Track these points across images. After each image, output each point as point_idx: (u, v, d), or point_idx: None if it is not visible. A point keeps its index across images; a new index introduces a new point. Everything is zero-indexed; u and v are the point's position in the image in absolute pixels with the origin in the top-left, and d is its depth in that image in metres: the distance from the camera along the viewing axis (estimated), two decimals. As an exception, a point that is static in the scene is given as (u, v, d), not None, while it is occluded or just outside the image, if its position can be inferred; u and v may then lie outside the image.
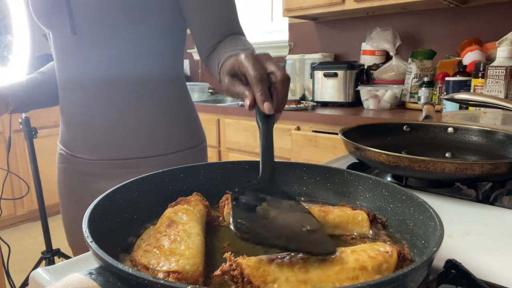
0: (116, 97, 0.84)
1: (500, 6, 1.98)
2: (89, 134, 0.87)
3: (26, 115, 1.77)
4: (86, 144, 0.88)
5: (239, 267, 0.35)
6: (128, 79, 0.84)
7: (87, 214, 0.41)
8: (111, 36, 0.80)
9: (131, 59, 0.83)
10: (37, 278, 0.46)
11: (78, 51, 0.82)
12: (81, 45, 0.82)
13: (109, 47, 0.81)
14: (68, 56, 0.85)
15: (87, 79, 0.84)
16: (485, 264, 0.48)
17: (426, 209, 0.46)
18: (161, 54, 0.86)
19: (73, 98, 0.87)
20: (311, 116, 1.99)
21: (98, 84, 0.84)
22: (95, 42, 0.81)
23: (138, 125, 0.87)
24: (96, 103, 0.85)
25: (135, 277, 0.31)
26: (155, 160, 0.89)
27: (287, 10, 2.36)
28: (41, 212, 1.85)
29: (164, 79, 0.88)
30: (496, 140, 0.86)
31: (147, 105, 0.87)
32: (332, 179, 0.60)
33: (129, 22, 0.79)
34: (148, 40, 0.83)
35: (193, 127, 0.97)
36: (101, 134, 0.86)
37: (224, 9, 0.84)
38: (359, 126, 0.93)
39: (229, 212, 0.51)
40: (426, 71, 2.04)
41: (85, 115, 0.87)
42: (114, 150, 0.87)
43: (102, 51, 0.81)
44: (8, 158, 1.89)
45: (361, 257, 0.38)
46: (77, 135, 0.89)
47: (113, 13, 0.77)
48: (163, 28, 0.84)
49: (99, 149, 0.88)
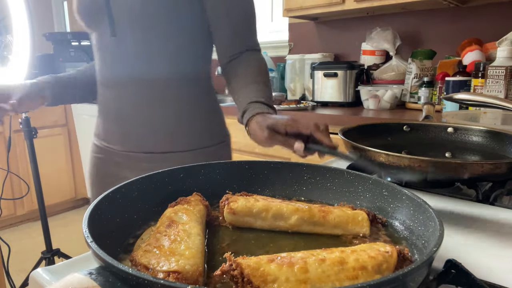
0: (145, 94, 0.92)
1: (500, 6, 1.97)
2: (120, 127, 0.96)
3: (26, 115, 1.77)
4: (118, 136, 0.97)
5: (239, 267, 0.35)
6: (158, 78, 0.91)
7: (87, 214, 0.41)
8: (144, 39, 0.89)
9: (161, 60, 0.91)
10: (37, 278, 0.46)
11: (115, 51, 0.91)
12: (118, 46, 0.90)
13: (142, 48, 0.90)
14: (106, 55, 0.93)
15: (121, 77, 0.92)
16: (485, 264, 0.48)
17: (426, 209, 0.46)
18: (188, 56, 0.93)
19: (108, 94, 0.96)
20: (311, 116, 1.99)
21: (130, 82, 0.92)
22: (130, 43, 0.89)
23: (164, 121, 0.94)
24: (127, 99, 0.93)
25: (135, 277, 0.31)
26: (179, 155, 0.95)
27: (287, 10, 2.36)
28: (41, 212, 1.85)
29: (191, 78, 0.95)
30: (496, 140, 0.86)
31: (174, 103, 0.94)
32: (332, 179, 0.60)
33: (160, 27, 0.88)
34: (176, 44, 0.91)
35: (217, 125, 1.03)
36: (132, 128, 0.94)
37: (245, 21, 0.93)
38: (359, 126, 0.93)
39: (229, 212, 0.52)
40: (426, 71, 2.04)
41: (118, 110, 0.95)
42: (143, 143, 0.95)
43: (135, 52, 0.90)
44: (8, 158, 1.89)
45: (361, 257, 0.38)
46: (111, 127, 0.98)
47: (147, 20, 0.87)
48: (191, 32, 0.92)
49: (129, 141, 0.95)
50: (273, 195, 0.61)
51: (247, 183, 0.62)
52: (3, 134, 2.92)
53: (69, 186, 3.37)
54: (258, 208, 0.51)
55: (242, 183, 0.62)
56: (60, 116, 3.26)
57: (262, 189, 0.62)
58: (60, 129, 3.27)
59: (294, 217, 0.50)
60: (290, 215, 0.51)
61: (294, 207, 0.51)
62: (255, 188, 0.62)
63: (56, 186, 3.25)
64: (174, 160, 0.93)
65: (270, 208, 0.51)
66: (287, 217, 0.51)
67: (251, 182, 0.62)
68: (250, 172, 0.63)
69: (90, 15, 0.91)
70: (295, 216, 0.50)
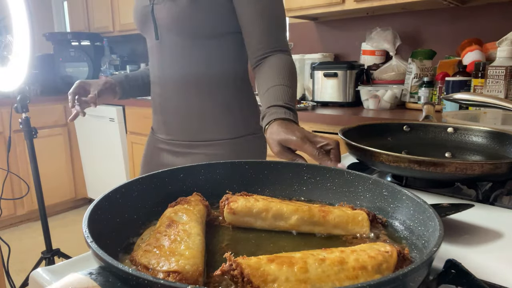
0: (184, 91, 1.05)
1: (500, 6, 1.97)
2: (165, 119, 1.11)
3: (26, 115, 1.77)
4: (163, 126, 1.12)
5: (239, 267, 0.35)
6: (195, 77, 1.03)
7: (87, 214, 0.41)
8: (183, 42, 1.01)
9: (198, 61, 1.02)
10: (37, 278, 0.46)
11: (159, 53, 1.05)
12: (162, 49, 1.04)
13: (182, 51, 1.02)
14: (154, 57, 1.08)
15: (164, 76, 1.06)
16: (485, 264, 0.48)
17: (426, 209, 0.45)
18: (222, 57, 1.03)
19: (155, 90, 1.11)
20: (311, 116, 1.99)
21: (172, 81, 1.05)
22: (171, 46, 1.03)
23: (200, 114, 1.06)
24: (169, 95, 1.07)
25: (135, 277, 0.31)
26: (214, 144, 1.08)
27: (287, 10, 2.36)
28: (41, 212, 1.85)
29: (225, 76, 1.05)
30: (496, 140, 0.86)
31: (209, 98, 1.05)
32: (332, 179, 0.60)
33: (196, 32, 0.99)
34: (211, 46, 1.01)
35: (249, 118, 1.12)
36: (173, 120, 1.09)
37: (273, 23, 0.98)
38: (359, 126, 0.93)
39: (229, 212, 0.52)
40: (426, 71, 2.04)
41: (162, 104, 1.10)
42: (183, 133, 1.09)
43: (176, 54, 1.03)
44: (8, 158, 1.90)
45: (361, 257, 0.38)
46: (158, 119, 1.14)
47: (184, 27, 0.99)
48: (223, 35, 1.01)
49: (172, 131, 1.10)
50: (273, 195, 0.61)
51: (247, 183, 0.62)
52: (3, 134, 2.92)
53: (69, 186, 3.37)
54: (258, 208, 0.51)
55: (242, 183, 0.62)
56: (60, 116, 3.26)
57: (262, 189, 0.62)
58: (60, 129, 3.27)
59: (294, 217, 0.50)
60: (290, 215, 0.51)
61: (294, 207, 0.51)
62: (255, 188, 0.62)
63: (56, 186, 3.25)
64: (208, 149, 1.07)
65: (270, 208, 0.51)
66: (287, 217, 0.51)
67: (251, 182, 0.62)
68: (250, 172, 0.62)
69: (141, 21, 1.07)
70: (295, 216, 0.50)
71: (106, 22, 3.51)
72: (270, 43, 0.97)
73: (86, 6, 3.68)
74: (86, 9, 3.69)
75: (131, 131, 2.95)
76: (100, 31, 3.58)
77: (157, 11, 1.00)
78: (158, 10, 1.00)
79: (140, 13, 1.06)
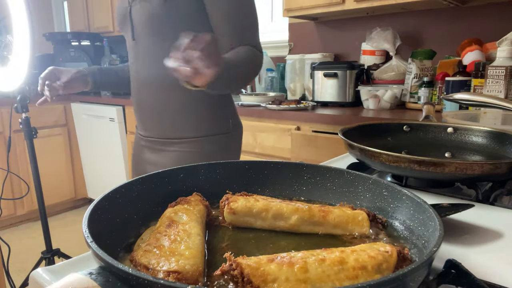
0: (158, 89, 1.09)
1: (500, 6, 1.97)
2: (141, 116, 1.16)
3: (26, 115, 1.77)
4: (140, 123, 1.19)
5: (239, 267, 0.35)
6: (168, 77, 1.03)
7: (87, 214, 0.41)
8: (157, 43, 1.05)
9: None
10: (37, 278, 0.46)
11: (135, 52, 1.11)
12: (138, 47, 1.10)
13: (155, 51, 1.06)
14: (131, 56, 1.14)
15: (139, 75, 1.11)
16: (485, 264, 0.48)
17: (426, 209, 0.46)
18: None
19: (133, 88, 1.17)
20: (311, 116, 1.99)
21: (146, 79, 1.10)
22: (145, 47, 1.08)
23: (173, 112, 1.10)
24: (144, 93, 1.12)
25: (135, 277, 0.31)
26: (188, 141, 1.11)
27: (287, 10, 2.36)
28: (41, 212, 1.85)
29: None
30: (496, 140, 0.86)
31: (181, 98, 1.09)
32: (332, 179, 0.60)
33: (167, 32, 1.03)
34: None
35: (224, 116, 1.15)
36: (148, 117, 1.14)
37: (242, 22, 1.02)
38: (359, 126, 0.93)
39: (229, 212, 0.52)
40: (426, 71, 2.04)
41: (138, 102, 1.15)
42: (157, 130, 1.14)
43: (149, 54, 1.07)
44: (8, 158, 1.90)
45: (361, 257, 0.38)
46: (136, 116, 1.19)
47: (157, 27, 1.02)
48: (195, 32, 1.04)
49: (148, 128, 1.16)
50: (273, 195, 0.61)
51: (247, 183, 0.62)
52: (3, 134, 2.92)
53: (69, 186, 3.37)
54: (258, 208, 0.51)
55: (242, 183, 0.62)
56: (60, 116, 3.26)
57: (262, 189, 0.62)
58: (60, 129, 3.27)
59: (294, 217, 0.50)
60: (290, 215, 0.51)
61: (294, 207, 0.51)
62: (255, 188, 0.62)
63: (56, 186, 3.25)
64: (181, 146, 1.11)
65: (270, 208, 0.51)
66: (287, 217, 0.51)
67: (251, 182, 0.62)
68: (250, 172, 0.62)
69: (121, 22, 1.13)
70: (295, 216, 0.50)
71: (106, 22, 3.51)
72: (241, 42, 1.01)
73: (86, 6, 3.68)
74: (86, 9, 3.69)
75: (131, 131, 2.95)
76: (100, 31, 3.58)
77: (134, 12, 1.05)
78: (134, 11, 1.05)
79: (119, 14, 1.12)
